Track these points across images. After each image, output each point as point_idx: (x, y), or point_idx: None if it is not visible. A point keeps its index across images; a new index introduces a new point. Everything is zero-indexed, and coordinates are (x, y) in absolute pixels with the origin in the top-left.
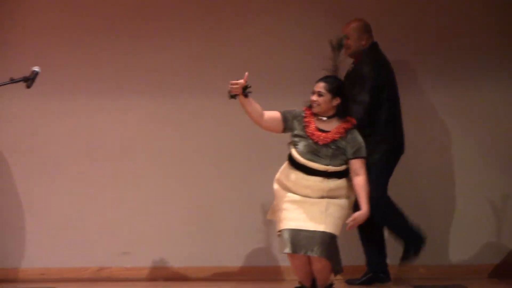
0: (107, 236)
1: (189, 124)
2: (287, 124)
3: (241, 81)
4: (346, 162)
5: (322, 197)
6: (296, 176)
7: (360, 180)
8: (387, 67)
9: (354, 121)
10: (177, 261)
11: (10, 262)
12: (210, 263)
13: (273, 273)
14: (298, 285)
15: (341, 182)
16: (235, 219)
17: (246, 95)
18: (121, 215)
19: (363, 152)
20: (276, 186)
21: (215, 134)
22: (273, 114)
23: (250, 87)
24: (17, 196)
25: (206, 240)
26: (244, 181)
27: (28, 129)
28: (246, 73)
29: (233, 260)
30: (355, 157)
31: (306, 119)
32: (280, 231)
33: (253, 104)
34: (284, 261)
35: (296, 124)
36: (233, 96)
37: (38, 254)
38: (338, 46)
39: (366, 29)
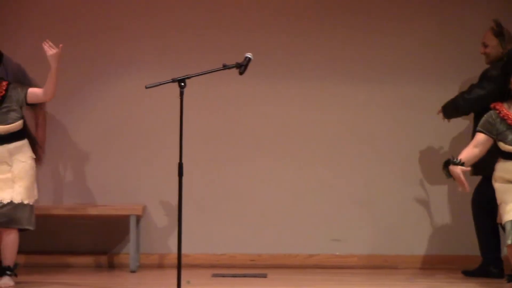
0: (317, 223)
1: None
2: (493, 134)
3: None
4: None
5: None
6: None
7: None
8: None
9: None
10: (386, 249)
11: (222, 248)
12: (422, 251)
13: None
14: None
15: None
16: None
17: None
18: (330, 202)
19: None
20: (496, 184)
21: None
22: (480, 140)
23: None
24: (223, 182)
25: (415, 229)
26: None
27: (235, 113)
28: None
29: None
30: None
31: (502, 114)
32: (504, 223)
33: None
34: None
35: (498, 125)
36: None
37: (249, 241)
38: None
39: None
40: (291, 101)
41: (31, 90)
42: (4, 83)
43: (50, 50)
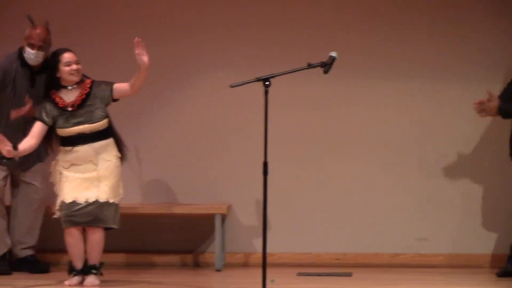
0: (402, 222)
1: None
2: None
3: None
4: None
5: None
6: None
7: None
8: None
9: None
10: (471, 248)
11: (307, 247)
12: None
13: None
14: None
15: None
16: None
17: None
18: (415, 201)
19: None
20: None
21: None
22: None
23: None
24: (308, 181)
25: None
26: None
27: (320, 112)
28: None
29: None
30: None
31: None
32: None
33: None
34: None
35: None
36: None
37: (334, 240)
38: None
39: None
40: (375, 102)
41: (117, 85)
42: (88, 81)
43: (144, 57)
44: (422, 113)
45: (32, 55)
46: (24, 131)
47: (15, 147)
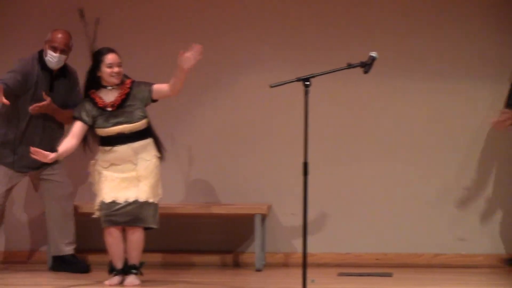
0: (442, 222)
1: None
2: None
3: None
4: None
5: None
6: None
7: None
8: None
9: None
10: None
11: (348, 247)
12: None
13: None
14: None
15: None
16: None
17: None
18: (456, 201)
19: None
20: None
21: None
22: None
23: None
24: (348, 182)
25: None
26: None
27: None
28: None
29: None
30: None
31: None
32: None
33: None
34: None
35: None
36: None
37: (375, 240)
38: None
39: None
40: (415, 101)
41: (156, 86)
42: (128, 81)
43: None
44: (463, 113)
45: (55, 58)
46: (42, 134)
47: (54, 150)
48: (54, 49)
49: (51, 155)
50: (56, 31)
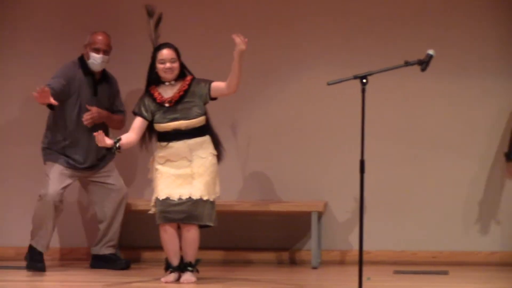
0: (500, 220)
1: None
2: None
3: None
4: None
5: None
6: None
7: None
8: None
9: None
10: None
11: (403, 245)
12: None
13: None
14: None
15: None
16: None
17: None
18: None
19: None
20: None
21: None
22: None
23: None
24: (405, 179)
25: None
26: None
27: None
28: None
29: None
30: None
31: None
32: None
33: None
34: None
35: None
36: None
37: (430, 238)
38: None
39: None
40: (470, 98)
41: (215, 84)
42: (189, 78)
43: (243, 44)
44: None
45: (98, 59)
46: (89, 137)
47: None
48: (97, 51)
49: (111, 141)
50: (96, 34)
